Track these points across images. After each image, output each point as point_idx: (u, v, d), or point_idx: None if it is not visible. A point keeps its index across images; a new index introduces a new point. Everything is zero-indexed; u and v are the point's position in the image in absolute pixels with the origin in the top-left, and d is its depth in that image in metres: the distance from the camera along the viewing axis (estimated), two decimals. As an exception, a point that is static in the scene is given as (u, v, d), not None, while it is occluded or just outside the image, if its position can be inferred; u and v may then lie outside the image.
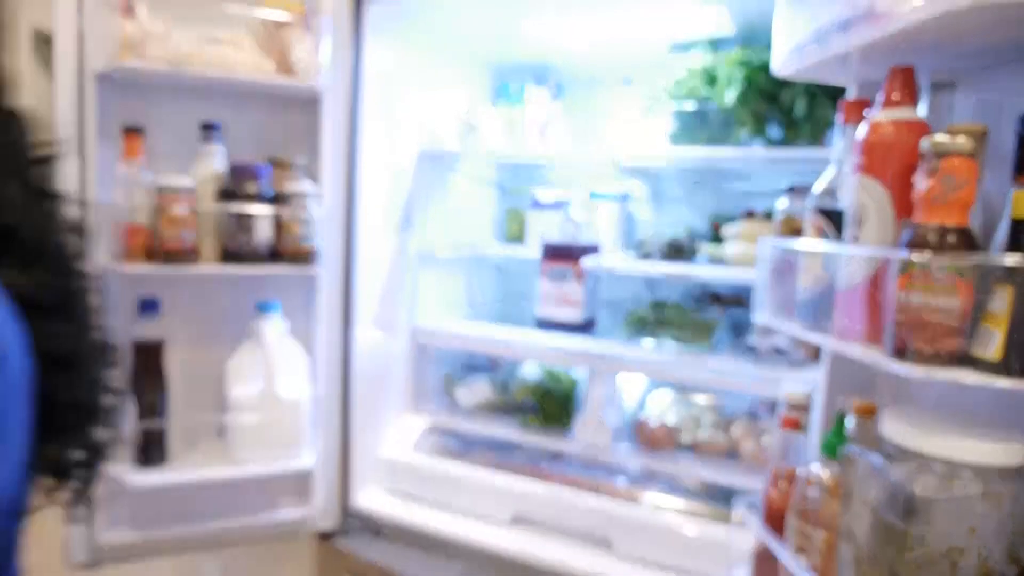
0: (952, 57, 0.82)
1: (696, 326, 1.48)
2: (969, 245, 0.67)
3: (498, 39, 1.75)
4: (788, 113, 1.39)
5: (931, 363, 0.66)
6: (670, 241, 1.50)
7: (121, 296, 1.39)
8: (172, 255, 1.27)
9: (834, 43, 0.82)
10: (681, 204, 1.86)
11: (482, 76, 1.95)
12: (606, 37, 1.65)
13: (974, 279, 0.65)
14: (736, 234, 1.45)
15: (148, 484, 1.32)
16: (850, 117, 0.87)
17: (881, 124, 0.76)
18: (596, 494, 1.43)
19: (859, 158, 0.77)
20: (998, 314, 0.64)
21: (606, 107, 1.93)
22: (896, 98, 0.76)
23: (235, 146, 1.39)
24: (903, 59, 0.77)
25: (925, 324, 0.66)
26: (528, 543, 1.41)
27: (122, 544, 1.38)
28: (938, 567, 0.65)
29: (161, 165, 1.33)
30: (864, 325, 0.74)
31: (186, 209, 1.27)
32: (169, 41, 1.22)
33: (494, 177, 2.02)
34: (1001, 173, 0.72)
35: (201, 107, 1.39)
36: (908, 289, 0.66)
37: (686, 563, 1.30)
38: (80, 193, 1.27)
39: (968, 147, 0.66)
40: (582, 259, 1.55)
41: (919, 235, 0.68)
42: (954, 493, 0.64)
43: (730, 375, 1.36)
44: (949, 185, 0.66)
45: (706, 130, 1.51)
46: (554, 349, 1.51)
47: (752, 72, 1.39)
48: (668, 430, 1.46)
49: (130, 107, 1.34)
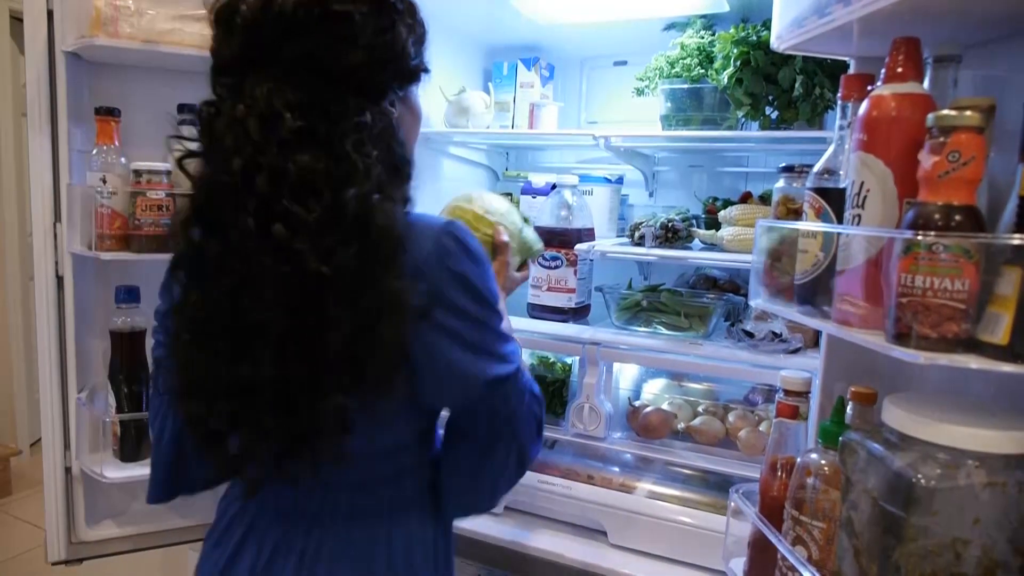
0: (956, 29, 0.79)
1: (691, 311, 1.45)
2: (976, 225, 0.64)
3: (489, 19, 1.70)
4: (786, 93, 1.35)
5: (935, 348, 0.63)
6: (664, 224, 1.47)
7: (99, 284, 1.36)
8: (151, 242, 1.23)
9: (835, 14, 0.79)
10: (676, 187, 1.83)
11: (473, 58, 1.91)
12: (599, 16, 1.61)
13: (981, 260, 0.62)
14: (732, 217, 1.42)
15: (128, 478, 1.29)
16: (850, 93, 0.83)
17: (884, 99, 0.72)
18: (589, 483, 1.41)
19: (860, 135, 0.74)
20: (1005, 297, 0.61)
21: (599, 88, 1.89)
22: (900, 71, 0.73)
23: (215, 128, 1.34)
24: (905, 31, 0.74)
25: (929, 307, 0.63)
26: (520, 532, 1.39)
27: (104, 539, 1.35)
28: (941, 558, 0.62)
29: (137, 148, 1.29)
30: (865, 309, 0.72)
31: (164, 194, 1.23)
32: (143, 18, 1.17)
33: (485, 160, 1.98)
34: (1005, 150, 0.69)
35: (178, 87, 1.34)
36: (911, 271, 0.63)
37: (681, 553, 1.28)
38: (53, 177, 1.23)
39: (976, 121, 0.63)
40: (575, 244, 1.52)
41: (923, 214, 0.64)
42: (958, 482, 0.62)
43: (726, 361, 1.34)
44: (955, 162, 0.63)
45: (701, 111, 1.48)
46: (547, 335, 1.48)
47: (749, 50, 1.36)
48: (663, 418, 1.44)
49: (104, 88, 1.30)
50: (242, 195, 0.63)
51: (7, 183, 3.20)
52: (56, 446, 1.29)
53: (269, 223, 0.62)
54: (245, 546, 0.79)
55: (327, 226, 0.63)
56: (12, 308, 3.32)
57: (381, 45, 0.68)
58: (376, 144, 0.67)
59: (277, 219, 0.62)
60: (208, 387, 0.67)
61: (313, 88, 0.65)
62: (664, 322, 1.47)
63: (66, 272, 1.26)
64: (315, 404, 0.66)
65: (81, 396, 1.30)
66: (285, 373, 0.65)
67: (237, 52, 0.66)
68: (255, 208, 0.62)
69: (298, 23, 0.64)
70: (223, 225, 0.64)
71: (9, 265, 3.28)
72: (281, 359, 0.64)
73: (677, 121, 1.51)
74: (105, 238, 1.22)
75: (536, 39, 1.83)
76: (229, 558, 0.79)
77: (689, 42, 1.50)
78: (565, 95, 1.88)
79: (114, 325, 1.30)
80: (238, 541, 0.80)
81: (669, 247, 1.46)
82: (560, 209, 1.58)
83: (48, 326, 1.26)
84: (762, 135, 1.42)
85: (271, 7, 0.64)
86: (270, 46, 0.65)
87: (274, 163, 0.62)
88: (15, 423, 3.38)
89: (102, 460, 1.28)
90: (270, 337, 0.64)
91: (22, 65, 1.25)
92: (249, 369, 0.64)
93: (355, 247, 0.63)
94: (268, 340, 0.64)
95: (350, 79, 0.67)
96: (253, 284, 0.63)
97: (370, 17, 0.66)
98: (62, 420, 1.29)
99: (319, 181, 0.63)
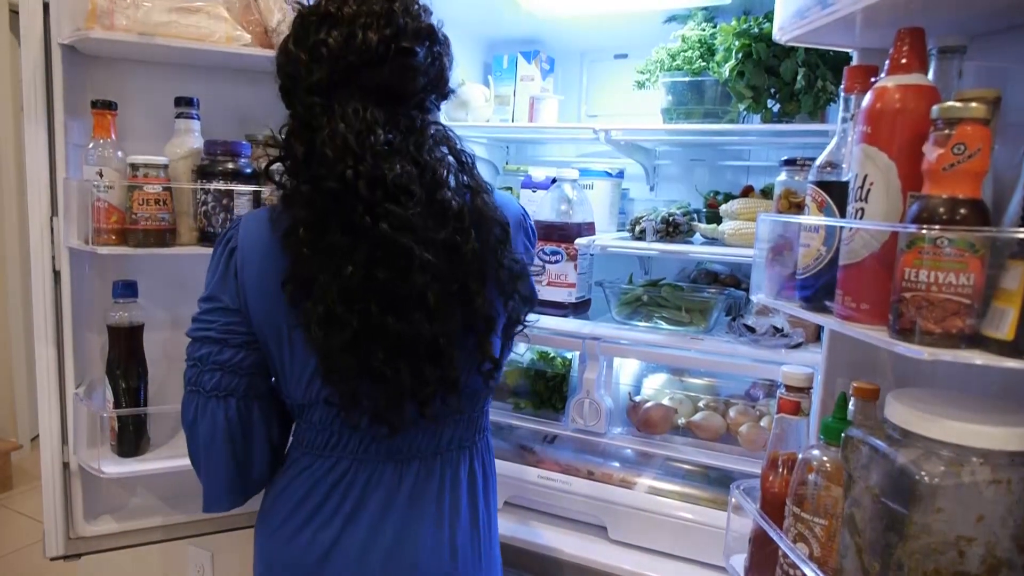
0: (961, 20, 0.78)
1: (692, 306, 1.44)
2: (981, 218, 0.62)
3: (489, 12, 1.69)
4: (788, 86, 1.34)
5: (939, 343, 0.62)
6: (665, 219, 1.46)
7: (96, 279, 1.35)
8: (148, 236, 1.22)
9: (838, 4, 0.78)
10: (677, 181, 1.82)
11: (473, 51, 1.90)
12: (599, 9, 1.59)
13: (986, 254, 0.61)
14: (733, 211, 1.41)
15: (126, 473, 1.29)
16: (853, 85, 0.82)
17: (888, 90, 0.71)
18: (589, 478, 1.41)
19: (864, 127, 0.73)
20: (1011, 291, 0.60)
21: (600, 81, 1.88)
22: (904, 62, 0.71)
23: (211, 122, 1.33)
24: (910, 21, 0.73)
25: (933, 302, 0.62)
26: (519, 527, 1.39)
27: (102, 535, 1.35)
28: (944, 556, 0.62)
29: (134, 142, 1.28)
30: (868, 304, 0.71)
31: (161, 188, 1.22)
32: (139, 10, 1.16)
33: (485, 154, 1.97)
34: (1011, 142, 0.68)
35: (175, 81, 1.33)
36: (916, 265, 0.62)
37: (682, 549, 1.28)
38: (50, 171, 1.22)
39: (981, 113, 0.62)
40: (575, 238, 1.51)
41: (928, 208, 0.63)
42: (961, 479, 0.61)
43: (727, 357, 1.33)
44: (961, 154, 0.62)
45: (702, 104, 1.46)
46: (546, 330, 1.47)
47: (750, 43, 1.34)
48: (664, 413, 1.44)
49: (100, 81, 1.29)
50: (348, 197, 0.76)
51: (7, 177, 3.19)
52: (54, 441, 1.28)
53: (377, 222, 0.76)
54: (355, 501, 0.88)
55: (431, 220, 0.78)
56: (12, 302, 3.32)
57: (434, 72, 0.85)
58: (443, 146, 0.84)
59: (381, 219, 0.76)
60: (369, 342, 0.78)
61: (388, 107, 0.80)
62: (665, 317, 1.46)
63: (63, 267, 1.25)
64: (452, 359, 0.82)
65: (79, 391, 1.29)
66: (438, 330, 0.80)
67: (325, 77, 0.79)
68: (363, 209, 0.76)
69: (376, 55, 0.79)
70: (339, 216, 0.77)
71: (9, 259, 3.27)
72: (435, 319, 0.79)
73: (678, 114, 1.49)
74: (102, 232, 1.21)
75: (536, 32, 1.81)
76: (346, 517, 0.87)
77: (690, 34, 1.49)
78: (565, 88, 1.87)
79: (112, 320, 1.29)
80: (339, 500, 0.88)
81: (670, 241, 1.45)
82: (560, 203, 1.57)
83: (45, 321, 1.26)
84: (764, 128, 1.41)
85: (354, 41, 0.78)
86: (353, 72, 0.79)
87: (371, 171, 0.76)
88: (15, 417, 3.38)
89: (100, 455, 1.27)
90: (426, 301, 0.78)
91: (18, 57, 1.24)
92: (407, 327, 0.78)
93: (471, 235, 0.81)
94: (424, 304, 0.78)
95: (413, 99, 0.83)
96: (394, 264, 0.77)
97: (428, 51, 0.83)
98: (60, 415, 1.29)
99: (412, 184, 0.78)
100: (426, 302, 0.78)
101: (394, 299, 0.78)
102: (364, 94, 0.79)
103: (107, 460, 1.28)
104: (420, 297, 0.78)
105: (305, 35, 0.80)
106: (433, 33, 0.84)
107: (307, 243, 0.78)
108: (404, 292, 0.77)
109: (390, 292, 0.77)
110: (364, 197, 0.75)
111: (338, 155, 0.76)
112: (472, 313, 0.83)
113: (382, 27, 0.79)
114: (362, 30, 0.78)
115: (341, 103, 0.78)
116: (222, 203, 1.25)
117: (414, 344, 0.79)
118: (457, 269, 0.81)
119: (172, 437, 1.38)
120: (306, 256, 0.78)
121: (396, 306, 0.78)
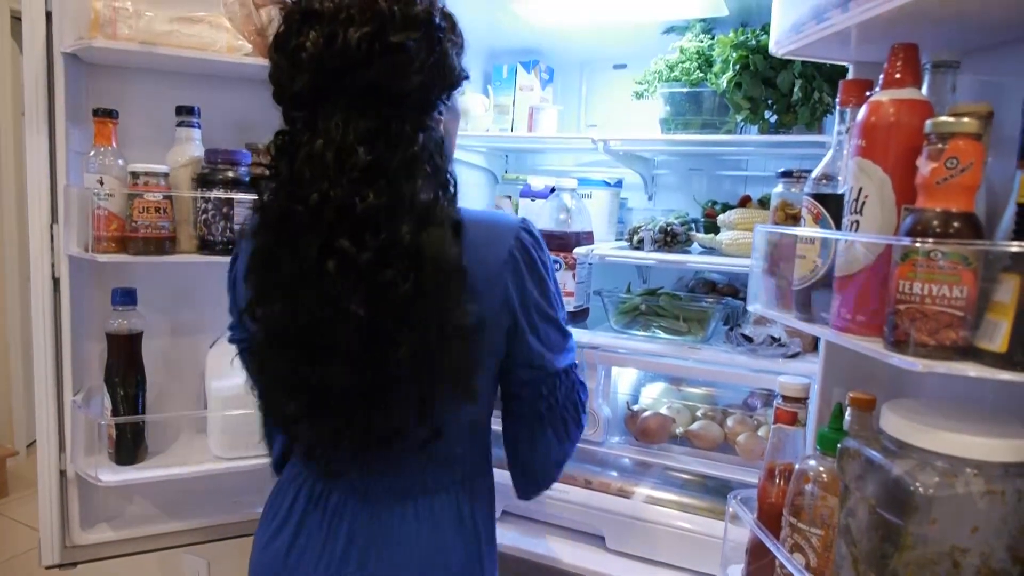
0: (954, 35, 0.78)
1: (690, 315, 1.44)
2: (974, 231, 0.63)
3: (489, 22, 1.70)
4: (785, 97, 1.35)
5: (933, 355, 0.62)
6: (663, 228, 1.46)
7: (95, 286, 1.35)
8: (147, 244, 1.22)
9: (833, 19, 0.79)
10: (675, 191, 1.83)
11: (473, 60, 1.90)
12: (598, 20, 1.60)
13: (979, 267, 0.62)
14: (731, 221, 1.42)
15: (123, 481, 1.29)
16: (849, 98, 0.83)
17: (882, 104, 0.72)
18: (587, 488, 1.41)
19: (859, 140, 0.73)
20: (1004, 304, 0.61)
21: (599, 92, 1.89)
22: (898, 77, 0.72)
23: (212, 130, 1.34)
24: (904, 36, 0.74)
25: (927, 314, 0.63)
26: (517, 537, 1.39)
27: (99, 543, 1.34)
28: (939, 566, 0.62)
29: (135, 150, 1.29)
30: (863, 315, 0.71)
31: (161, 196, 1.22)
32: (141, 20, 1.17)
33: (484, 163, 1.98)
34: (1004, 156, 0.69)
35: (176, 89, 1.34)
36: (909, 278, 0.63)
37: (679, 558, 1.28)
38: (50, 178, 1.22)
39: (974, 128, 0.63)
40: (574, 247, 1.52)
41: (922, 221, 0.64)
42: (956, 490, 0.61)
43: (724, 366, 1.33)
44: (954, 168, 0.63)
45: (700, 114, 1.47)
46: (544, 340, 1.47)
47: (748, 55, 1.35)
48: (661, 422, 1.44)
49: (102, 89, 1.30)
50: (312, 223, 0.69)
51: (7, 184, 3.20)
52: (51, 449, 1.28)
53: (326, 257, 0.69)
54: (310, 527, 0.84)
55: (378, 265, 0.69)
56: (11, 308, 3.32)
57: (433, 64, 0.74)
58: (428, 165, 0.74)
59: (334, 255, 0.68)
60: (283, 385, 0.75)
61: (378, 113, 0.71)
62: (663, 326, 1.47)
63: (63, 274, 1.26)
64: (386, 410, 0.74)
65: (77, 398, 1.29)
66: (354, 383, 0.72)
67: (307, 85, 0.71)
68: (321, 240, 0.69)
69: (361, 56, 0.69)
70: (294, 245, 0.70)
71: (8, 265, 3.27)
72: (351, 371, 0.72)
73: (676, 125, 1.50)
74: (102, 240, 1.22)
75: (536, 42, 1.82)
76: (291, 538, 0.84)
77: (688, 46, 1.50)
78: (564, 98, 1.88)
79: (110, 327, 1.29)
80: (298, 521, 0.85)
81: (668, 251, 1.46)
82: (559, 212, 1.58)
83: (44, 328, 1.26)
84: (761, 139, 1.42)
85: (334, 43, 0.69)
86: (336, 78, 0.70)
87: (342, 198, 0.69)
88: (12, 424, 3.37)
89: (97, 463, 1.27)
90: (340, 349, 0.71)
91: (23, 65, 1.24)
92: (319, 375, 0.72)
93: (411, 280, 0.70)
94: (338, 352, 0.71)
95: (409, 99, 0.73)
96: (323, 302, 0.70)
97: (422, 42, 0.72)
98: (57, 422, 1.28)
99: (380, 217, 0.69)
100: (347, 351, 0.71)
101: (313, 348, 0.72)
102: (351, 100, 0.70)
103: (104, 468, 1.28)
104: (340, 347, 0.71)
105: (286, 38, 0.72)
106: (430, 18, 0.73)
107: (258, 272, 0.75)
108: (324, 342, 0.71)
109: (310, 339, 0.72)
110: (329, 225, 0.69)
111: (314, 177, 0.69)
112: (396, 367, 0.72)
113: (365, 22, 0.69)
114: (343, 28, 0.69)
115: (325, 116, 0.70)
116: (222, 211, 1.25)
117: (332, 393, 0.73)
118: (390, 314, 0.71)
119: (170, 445, 1.38)
120: (257, 286, 0.75)
121: (314, 355, 0.72)
